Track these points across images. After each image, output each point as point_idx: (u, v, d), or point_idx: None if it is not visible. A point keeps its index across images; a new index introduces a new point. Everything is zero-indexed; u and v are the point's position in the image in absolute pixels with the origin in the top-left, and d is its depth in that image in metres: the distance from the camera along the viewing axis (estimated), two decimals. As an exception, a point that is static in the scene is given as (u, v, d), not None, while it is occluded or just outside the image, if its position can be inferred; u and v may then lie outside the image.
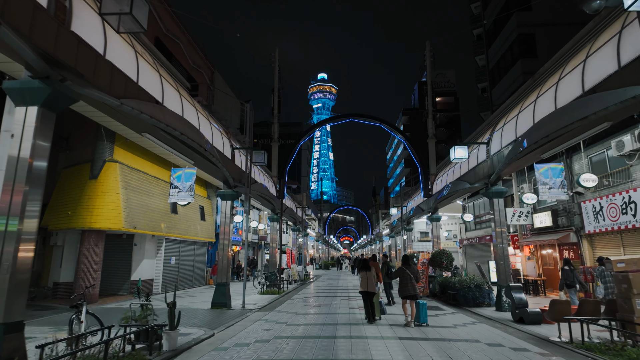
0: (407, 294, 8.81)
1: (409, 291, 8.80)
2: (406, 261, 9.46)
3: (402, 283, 9.01)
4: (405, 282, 8.90)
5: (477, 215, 23.96)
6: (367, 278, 9.30)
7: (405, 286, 8.89)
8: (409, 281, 8.87)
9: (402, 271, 9.17)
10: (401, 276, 9.11)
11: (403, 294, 8.91)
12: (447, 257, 14.44)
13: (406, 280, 8.93)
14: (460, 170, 14.63)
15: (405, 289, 8.87)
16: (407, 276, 8.96)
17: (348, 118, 19.96)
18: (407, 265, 9.24)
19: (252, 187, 13.92)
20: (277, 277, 17.80)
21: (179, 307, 11.83)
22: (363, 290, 9.29)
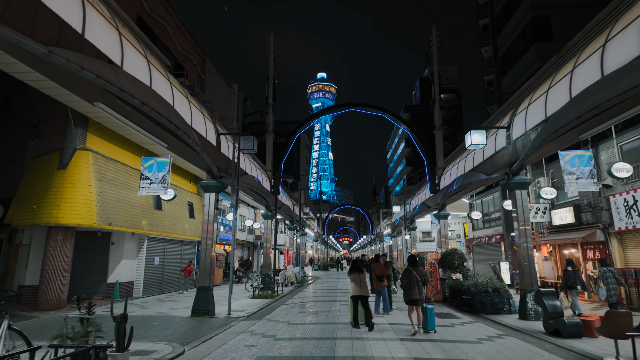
0: (413, 299, 7.81)
1: (414, 295, 7.81)
2: (413, 262, 8.34)
3: (407, 287, 7.93)
4: (412, 286, 7.88)
5: (485, 213, 22.49)
6: (359, 281, 8.46)
7: (410, 290, 7.86)
8: (416, 285, 7.88)
9: (408, 273, 8.04)
10: (408, 279, 7.99)
11: (408, 299, 7.88)
12: (459, 257, 12.96)
13: (412, 283, 7.89)
14: (473, 161, 13.16)
15: (410, 293, 7.85)
16: (414, 279, 7.91)
17: (349, 107, 18.50)
18: (414, 267, 8.16)
19: (242, 180, 12.45)
20: (272, 280, 16.32)
21: (156, 314, 10.40)
22: (356, 294, 8.45)
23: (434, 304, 12.91)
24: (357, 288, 8.46)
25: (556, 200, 15.33)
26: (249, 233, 29.04)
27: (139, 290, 14.49)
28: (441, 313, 10.81)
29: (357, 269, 8.68)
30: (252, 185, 13.49)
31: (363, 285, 8.49)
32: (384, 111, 18.41)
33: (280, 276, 20.29)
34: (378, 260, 10.74)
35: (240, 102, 11.88)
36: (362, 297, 8.45)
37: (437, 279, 13.61)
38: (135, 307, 11.47)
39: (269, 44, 19.51)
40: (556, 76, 8.49)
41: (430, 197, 18.70)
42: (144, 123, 7.64)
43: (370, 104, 18.49)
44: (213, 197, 10.58)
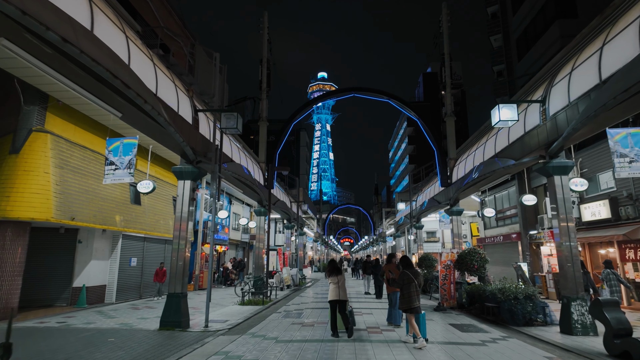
0: (414, 306, 6.80)
1: (415, 302, 6.83)
2: (408, 264, 7.35)
3: (406, 292, 6.92)
4: (410, 291, 6.90)
5: (499, 210, 20.70)
6: (337, 283, 7.61)
7: (410, 296, 6.86)
8: (415, 289, 6.92)
9: (405, 276, 7.03)
10: (405, 283, 6.98)
11: (408, 306, 6.83)
12: (479, 258, 11.16)
13: (411, 288, 6.92)
14: (495, 146, 11.38)
15: (410, 299, 6.83)
16: (413, 283, 6.94)
17: (351, 92, 16.74)
18: (410, 269, 7.19)
19: (227, 168, 10.68)
20: (264, 283, 14.54)
21: (119, 326, 8.51)
22: (334, 299, 7.52)
23: (449, 312, 11.11)
24: (335, 292, 7.54)
25: (586, 194, 13.55)
26: (243, 232, 27.26)
27: (111, 295, 12.71)
28: (462, 324, 9.01)
29: (336, 270, 7.72)
30: (240, 175, 11.71)
31: (342, 288, 7.58)
32: (389, 96, 16.64)
33: (275, 279, 18.51)
34: (391, 262, 8.94)
35: (224, 76, 10.11)
36: (340, 301, 7.52)
37: (450, 282, 11.80)
38: (99, 317, 9.70)
39: (262, 24, 17.80)
40: (614, 28, 6.71)
41: (440, 191, 16.92)
42: (81, 79, 5.87)
43: (374, 89, 16.73)
44: (188, 186, 8.81)
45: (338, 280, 7.56)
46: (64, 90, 8.89)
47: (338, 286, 7.51)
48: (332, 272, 7.68)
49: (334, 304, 7.53)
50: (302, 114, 17.00)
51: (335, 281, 7.57)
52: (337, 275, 7.62)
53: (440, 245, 34.68)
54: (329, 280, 7.67)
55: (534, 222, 17.78)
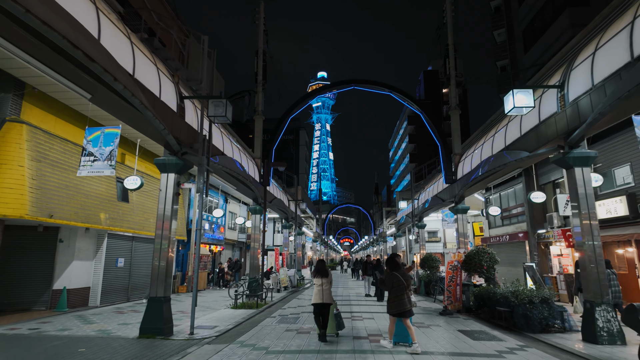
0: (405, 309, 6.40)
1: (406, 305, 6.42)
2: (396, 264, 6.88)
3: (395, 294, 6.50)
4: (400, 294, 6.47)
5: (504, 208, 19.92)
6: (322, 285, 7.19)
7: (400, 299, 6.43)
8: (404, 292, 6.50)
9: (394, 278, 6.56)
10: (395, 285, 6.53)
11: (398, 310, 6.41)
12: (488, 258, 10.38)
13: (401, 290, 6.49)
14: (505, 138, 10.61)
15: (401, 302, 6.41)
16: (402, 285, 6.50)
17: (350, 84, 15.96)
18: (398, 270, 6.72)
19: (217, 162, 9.91)
20: (259, 285, 13.77)
21: (95, 333, 7.66)
22: (317, 302, 7.10)
23: (456, 316, 10.34)
24: (319, 294, 7.13)
25: (599, 190, 12.78)
26: (240, 232, 26.51)
27: (95, 298, 11.94)
28: (472, 331, 8.24)
29: (322, 272, 7.30)
30: (232, 170, 10.95)
31: (326, 291, 7.17)
32: (390, 89, 15.86)
33: (271, 280, 17.74)
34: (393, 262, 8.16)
35: (213, 61, 9.33)
36: (324, 305, 7.12)
37: (456, 284, 11.03)
38: (77, 323, 8.93)
39: (258, 14, 17.04)
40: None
41: (445, 188, 16.15)
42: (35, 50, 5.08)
43: (375, 81, 15.96)
44: (172, 180, 8.04)
45: (322, 283, 7.12)
46: (38, 75, 8.14)
47: (322, 289, 7.08)
48: (318, 273, 7.28)
49: (316, 307, 7.14)
50: (299, 107, 16.24)
51: (319, 283, 7.15)
52: (322, 277, 7.18)
53: (441, 245, 33.95)
54: (314, 282, 7.26)
55: (541, 220, 17.01)
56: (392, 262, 6.91)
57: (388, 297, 6.64)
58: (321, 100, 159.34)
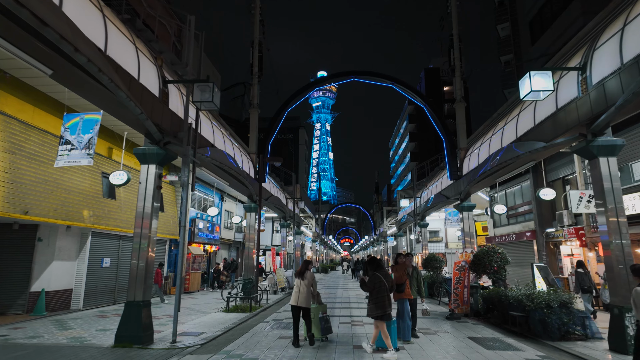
0: (386, 312, 6.08)
1: (388, 308, 6.11)
2: (378, 265, 6.51)
3: (376, 297, 6.15)
4: (382, 296, 6.14)
5: (510, 206, 19.17)
6: (299, 287, 6.84)
7: (382, 302, 6.09)
8: (386, 294, 6.19)
9: (376, 280, 6.22)
10: (377, 287, 6.18)
11: (382, 312, 6.06)
12: (499, 258, 9.63)
13: (383, 292, 6.15)
14: (517, 129, 9.86)
15: (383, 305, 6.07)
16: (384, 287, 6.18)
17: (350, 76, 15.20)
18: (381, 271, 6.36)
19: (205, 153, 9.16)
20: (254, 287, 13.03)
21: (68, 341, 6.85)
22: (293, 304, 6.85)
23: (464, 320, 9.59)
24: (295, 296, 6.82)
25: (615, 186, 12.02)
26: (237, 231, 25.73)
27: (78, 300, 11.19)
28: (484, 338, 7.49)
29: (299, 273, 6.97)
30: (223, 163, 10.20)
31: (302, 293, 6.78)
32: (392, 81, 15.11)
33: (267, 281, 17.01)
34: (397, 262, 7.41)
35: (201, 44, 8.58)
36: (298, 307, 6.79)
37: (464, 286, 10.26)
38: (52, 328, 8.18)
39: (254, 3, 16.29)
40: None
41: (449, 185, 15.41)
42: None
43: (376, 72, 15.21)
44: (152, 172, 7.29)
45: (299, 284, 6.77)
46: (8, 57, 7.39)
47: (298, 290, 6.72)
48: (298, 275, 6.95)
49: (292, 310, 6.89)
50: (297, 100, 15.49)
51: (297, 284, 6.81)
52: (300, 279, 6.85)
53: (443, 245, 33.20)
54: (295, 282, 6.92)
55: (550, 218, 16.26)
56: (374, 262, 6.53)
57: (369, 299, 6.26)
58: (321, 100, 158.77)
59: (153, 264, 7.26)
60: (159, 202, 7.49)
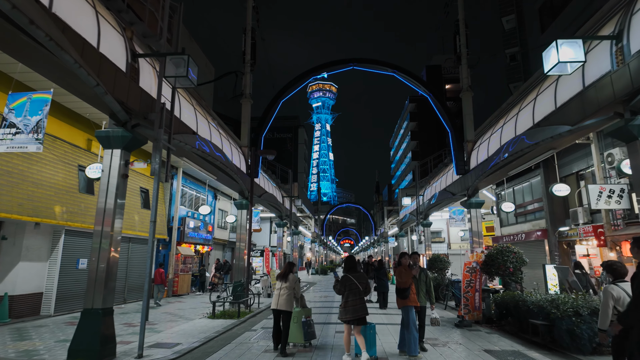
0: (359, 316, 5.57)
1: (360, 312, 5.60)
2: (352, 266, 6.03)
3: (346, 300, 5.70)
4: (353, 298, 5.67)
5: (519, 204, 18.14)
6: (279, 290, 6.51)
7: (353, 304, 5.62)
8: (358, 296, 5.68)
9: (347, 281, 5.78)
10: (347, 289, 5.73)
11: (352, 316, 5.56)
12: (515, 258, 8.60)
13: (354, 295, 5.69)
14: (533, 114, 8.84)
15: (354, 308, 5.59)
16: (356, 289, 5.72)
17: (349, 64, 14.19)
18: (354, 272, 5.89)
19: (183, 139, 8.16)
20: (244, 290, 12.01)
21: (21, 354, 5.38)
22: (272, 307, 6.49)
23: (476, 328, 8.55)
24: (275, 299, 6.48)
25: (638, 180, 10.98)
26: (232, 231, 24.70)
27: (49, 305, 10.16)
28: (503, 351, 6.45)
29: (282, 276, 6.58)
30: (206, 154, 9.18)
31: (282, 295, 6.38)
32: (394, 68, 14.10)
33: (261, 284, 15.98)
34: (400, 263, 6.36)
35: (180, 16, 7.57)
36: (278, 311, 6.40)
37: (475, 290, 9.21)
38: (6, 339, 7.16)
39: (246, -13, 15.30)
40: None
41: (455, 180, 14.39)
42: None
43: (377, 60, 14.21)
44: (117, 158, 6.29)
45: (280, 287, 6.38)
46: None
47: (279, 293, 6.34)
48: (280, 276, 6.54)
49: (274, 314, 6.48)
50: (292, 89, 14.49)
51: (278, 286, 6.43)
52: (281, 281, 6.44)
53: (445, 245, 32.15)
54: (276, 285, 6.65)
55: (563, 216, 15.23)
56: (348, 262, 6.04)
57: (341, 302, 5.81)
58: (321, 101, 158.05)
59: (116, 265, 6.24)
60: (124, 194, 6.47)
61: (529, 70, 25.44)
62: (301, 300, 6.89)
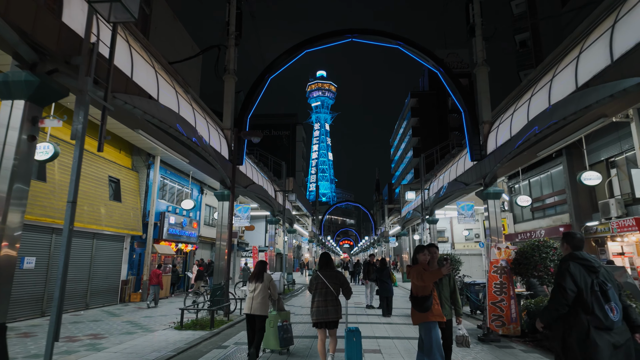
0: (326, 319, 4.84)
1: (329, 314, 4.85)
2: (325, 264, 5.24)
3: (314, 299, 4.98)
4: (319, 299, 4.95)
5: (536, 197, 16.38)
6: (253, 292, 5.63)
7: (317, 305, 4.91)
8: (328, 297, 4.92)
9: (316, 280, 5.06)
10: (315, 288, 5.02)
11: (315, 318, 4.89)
12: (557, 255, 6.78)
13: (323, 295, 4.93)
14: (576, 75, 7.05)
15: (317, 309, 4.90)
16: (323, 289, 4.95)
17: (347, 35, 12.33)
18: (326, 270, 5.15)
19: (129, 98, 6.37)
20: (224, 294, 10.22)
21: None
22: (245, 311, 5.60)
23: (506, 344, 6.73)
24: (249, 302, 5.61)
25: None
26: (222, 229, 22.90)
27: (-19, 314, 8.32)
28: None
29: (255, 276, 5.76)
30: (168, 123, 7.39)
31: (255, 298, 5.57)
32: (399, 40, 12.31)
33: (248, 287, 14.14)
34: (416, 261, 4.50)
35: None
36: (257, 317, 5.56)
37: (510, 297, 7.31)
38: None
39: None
40: None
41: (469, 168, 12.61)
42: None
43: (380, 31, 12.42)
44: (19, 111, 4.48)
45: (254, 289, 5.67)
46: None
47: (252, 296, 5.65)
48: (252, 278, 5.77)
49: (247, 319, 5.73)
50: (283, 64, 12.70)
51: (251, 288, 5.72)
52: (255, 282, 5.70)
53: (449, 245, 30.43)
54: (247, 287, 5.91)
55: (589, 210, 13.48)
56: (322, 259, 5.36)
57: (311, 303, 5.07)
58: (320, 100, 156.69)
59: (12, 266, 4.42)
60: (29, 167, 4.66)
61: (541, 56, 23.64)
62: (278, 302, 6.21)
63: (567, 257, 3.04)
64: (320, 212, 54.24)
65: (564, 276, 2.90)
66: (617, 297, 2.84)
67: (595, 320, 2.74)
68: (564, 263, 2.98)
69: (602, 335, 2.72)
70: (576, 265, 2.92)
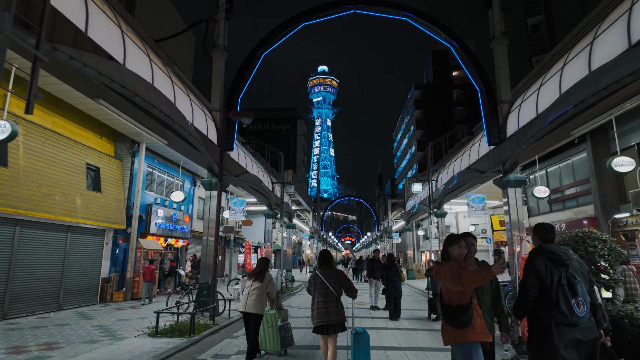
0: (322, 322, 4.38)
1: (324, 317, 4.38)
2: (325, 261, 4.70)
3: (314, 300, 4.54)
4: (318, 300, 4.49)
5: (554, 188, 15.12)
6: (249, 289, 5.24)
7: (317, 307, 4.47)
8: (328, 298, 4.44)
9: (314, 279, 4.61)
10: (315, 288, 4.57)
11: (316, 321, 4.44)
12: (607, 249, 5.54)
13: (322, 296, 4.47)
14: (630, 31, 5.77)
15: (317, 311, 4.45)
16: (322, 289, 4.49)
17: (351, 5, 11.04)
18: (326, 269, 4.62)
19: (78, 54, 5.16)
20: (211, 295, 9.04)
21: None
22: (241, 310, 5.22)
23: None
24: (243, 300, 5.20)
25: None
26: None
27: None
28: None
29: (255, 274, 5.30)
30: (134, 90, 6.16)
31: (251, 295, 5.11)
32: (405, 10, 11.00)
33: (240, 285, 13.00)
34: (449, 256, 3.26)
35: None
36: (252, 315, 5.10)
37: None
38: None
39: None
40: None
41: (485, 154, 11.34)
42: None
43: (385, 1, 11.12)
44: None
45: (250, 286, 5.17)
46: None
47: (247, 293, 5.11)
48: (251, 275, 5.30)
49: (244, 317, 5.25)
50: (278, 39, 11.42)
51: (248, 285, 5.20)
52: (252, 280, 5.22)
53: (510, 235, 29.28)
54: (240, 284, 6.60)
55: (617, 201, 12.22)
56: (321, 257, 4.80)
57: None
58: (322, 95, 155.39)
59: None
60: None
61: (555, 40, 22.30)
62: (277, 300, 5.86)
63: (534, 251, 2.95)
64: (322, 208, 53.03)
65: (528, 271, 2.85)
66: (585, 292, 2.71)
67: (561, 316, 2.63)
68: (531, 257, 2.90)
69: (564, 331, 2.62)
70: (542, 259, 2.83)
